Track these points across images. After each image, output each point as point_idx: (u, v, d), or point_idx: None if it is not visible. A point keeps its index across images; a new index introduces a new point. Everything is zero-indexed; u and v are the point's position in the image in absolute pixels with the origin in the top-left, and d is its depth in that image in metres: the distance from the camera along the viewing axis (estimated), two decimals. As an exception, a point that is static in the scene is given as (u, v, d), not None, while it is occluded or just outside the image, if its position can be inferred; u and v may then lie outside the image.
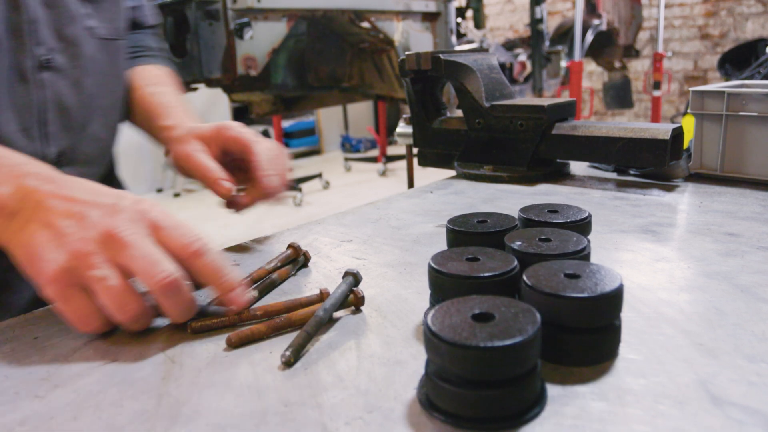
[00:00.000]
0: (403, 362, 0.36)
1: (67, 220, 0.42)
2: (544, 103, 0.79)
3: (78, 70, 0.69)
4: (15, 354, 0.40)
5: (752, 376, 0.33)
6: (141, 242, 0.41)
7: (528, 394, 0.30)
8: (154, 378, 0.36)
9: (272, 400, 0.33)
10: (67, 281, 0.40)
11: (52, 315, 0.46)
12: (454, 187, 0.81)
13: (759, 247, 0.52)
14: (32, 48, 0.63)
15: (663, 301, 0.43)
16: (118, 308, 0.40)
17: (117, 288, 0.40)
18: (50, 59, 0.65)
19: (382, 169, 5.53)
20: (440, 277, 0.39)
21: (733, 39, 5.35)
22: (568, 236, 0.44)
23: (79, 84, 0.69)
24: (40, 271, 0.40)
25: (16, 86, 0.63)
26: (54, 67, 0.66)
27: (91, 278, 0.40)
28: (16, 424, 0.32)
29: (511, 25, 6.79)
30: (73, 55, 0.68)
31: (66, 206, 0.43)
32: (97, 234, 0.41)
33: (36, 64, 0.64)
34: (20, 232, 0.42)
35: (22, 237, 0.42)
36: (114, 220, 0.42)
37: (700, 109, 0.78)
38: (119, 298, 0.40)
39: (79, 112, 0.70)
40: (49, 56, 0.65)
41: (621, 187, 0.76)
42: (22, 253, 0.42)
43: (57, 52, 0.66)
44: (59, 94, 0.67)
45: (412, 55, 0.86)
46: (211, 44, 2.39)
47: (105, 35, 0.72)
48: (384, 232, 0.63)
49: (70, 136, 0.69)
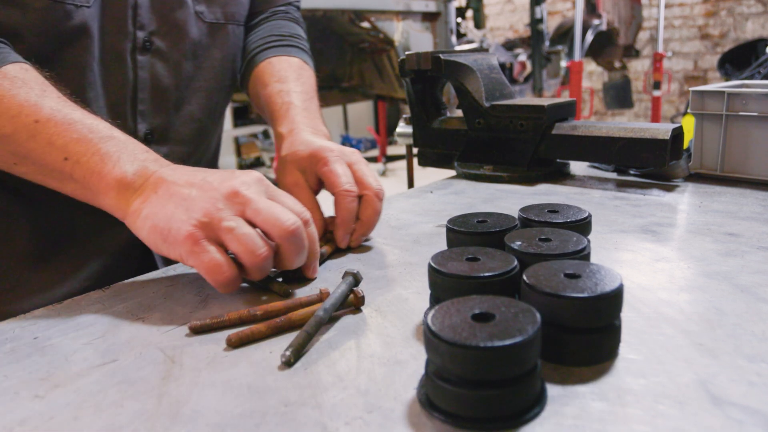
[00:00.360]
0: (403, 362, 0.36)
1: (191, 189, 0.47)
2: (544, 103, 0.79)
3: (178, 53, 0.71)
4: (15, 354, 0.40)
5: (752, 376, 0.33)
6: (262, 198, 0.47)
7: (528, 394, 0.30)
8: (154, 378, 0.36)
9: (272, 400, 0.33)
10: (201, 236, 0.44)
11: (52, 315, 0.46)
12: (454, 187, 0.81)
13: (759, 247, 0.52)
14: (134, 31, 0.66)
15: (663, 301, 0.43)
16: (250, 253, 0.44)
17: (248, 234, 0.45)
18: (150, 42, 0.67)
19: (382, 169, 5.53)
20: (440, 277, 0.39)
21: (733, 39, 5.35)
22: (568, 236, 0.44)
23: (178, 66, 0.71)
24: (174, 233, 0.45)
25: (110, 67, 0.65)
26: (153, 50, 0.68)
27: (224, 229, 0.44)
28: (16, 424, 0.32)
29: (511, 25, 6.79)
30: (175, 39, 0.70)
31: (186, 177, 0.48)
32: (222, 194, 0.46)
33: (135, 46, 0.66)
34: (145, 204, 0.47)
35: (148, 208, 0.47)
36: (233, 182, 0.47)
37: (700, 109, 0.78)
38: (251, 243, 0.44)
39: (175, 93, 0.72)
40: (149, 39, 0.67)
41: (621, 187, 0.76)
42: (150, 224, 0.46)
43: (158, 36, 0.68)
44: (156, 74, 0.69)
45: (412, 55, 0.86)
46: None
47: (213, 20, 0.73)
48: (384, 232, 0.63)
49: (163, 116, 0.71)
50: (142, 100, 0.68)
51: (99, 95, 0.65)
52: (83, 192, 0.50)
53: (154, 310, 0.46)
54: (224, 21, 0.75)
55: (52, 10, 0.58)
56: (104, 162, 0.49)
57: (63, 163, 0.49)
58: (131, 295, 0.49)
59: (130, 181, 0.48)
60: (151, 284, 0.51)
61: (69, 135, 0.50)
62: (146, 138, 0.70)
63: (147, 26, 0.67)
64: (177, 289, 0.50)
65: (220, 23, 0.75)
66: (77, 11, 0.60)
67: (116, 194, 0.48)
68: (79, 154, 0.49)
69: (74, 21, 0.60)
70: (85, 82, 0.63)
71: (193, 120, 0.75)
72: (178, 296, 0.48)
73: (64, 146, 0.49)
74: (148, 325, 0.43)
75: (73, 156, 0.49)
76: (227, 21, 0.75)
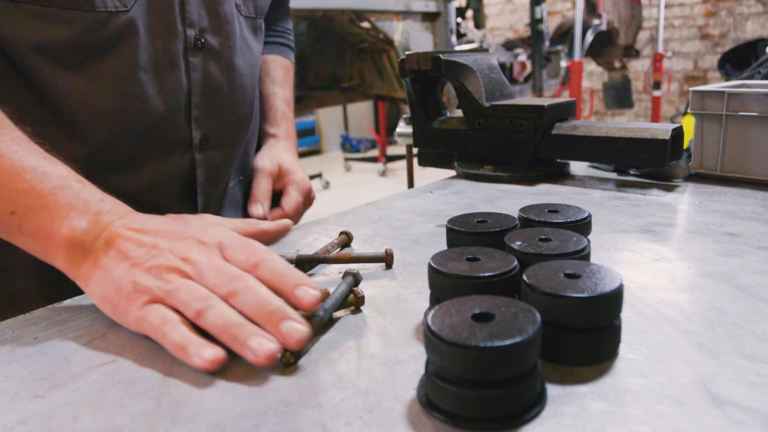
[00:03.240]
0: (403, 362, 0.36)
1: (141, 249, 0.43)
2: (544, 103, 0.79)
3: (230, 50, 0.67)
4: (15, 354, 0.40)
5: (752, 376, 0.33)
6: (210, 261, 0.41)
7: (528, 394, 0.30)
8: (154, 378, 0.36)
9: (272, 400, 0.33)
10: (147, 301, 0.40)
11: (52, 315, 0.46)
12: (454, 187, 0.81)
13: (759, 247, 0.52)
14: (184, 30, 0.62)
15: (663, 301, 0.43)
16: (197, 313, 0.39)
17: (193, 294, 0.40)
18: (203, 40, 0.63)
19: (382, 169, 5.53)
20: (440, 277, 0.39)
21: (733, 39, 5.35)
22: (568, 236, 0.44)
23: (230, 65, 0.68)
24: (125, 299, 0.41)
25: (164, 71, 0.61)
26: (206, 48, 0.64)
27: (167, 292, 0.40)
28: (16, 424, 0.32)
29: (511, 25, 6.79)
30: (226, 35, 0.66)
31: (137, 237, 0.44)
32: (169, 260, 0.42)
33: (187, 46, 0.62)
34: (94, 269, 0.43)
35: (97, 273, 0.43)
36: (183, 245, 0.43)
37: (700, 109, 0.78)
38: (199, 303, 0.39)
39: (229, 95, 0.69)
40: (201, 37, 0.63)
41: (621, 187, 0.76)
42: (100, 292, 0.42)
43: (209, 33, 0.64)
44: (209, 75, 0.65)
45: (412, 55, 0.86)
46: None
47: (248, 14, 0.72)
48: (384, 232, 0.63)
49: (218, 120, 0.68)
50: (196, 104, 0.65)
51: (150, 107, 0.61)
52: (34, 248, 0.46)
53: (154, 310, 0.46)
54: (255, 15, 0.73)
55: (84, 21, 0.54)
56: (52, 218, 0.44)
57: (10, 216, 0.45)
58: (131, 295, 0.49)
59: (80, 240, 0.44)
60: (151, 284, 0.51)
61: (16, 185, 0.45)
62: (201, 145, 0.67)
63: (197, 23, 0.63)
64: (177, 289, 0.50)
65: (253, 17, 0.73)
66: (112, 18, 0.55)
67: (65, 255, 0.44)
68: (26, 207, 0.45)
69: (110, 28, 0.56)
70: (132, 92, 0.59)
71: (246, 121, 0.74)
72: (178, 296, 0.48)
73: (10, 198, 0.45)
74: (148, 325, 0.43)
75: (20, 210, 0.45)
76: (258, 15, 0.74)
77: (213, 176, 0.71)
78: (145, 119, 0.61)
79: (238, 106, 0.71)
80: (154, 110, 0.61)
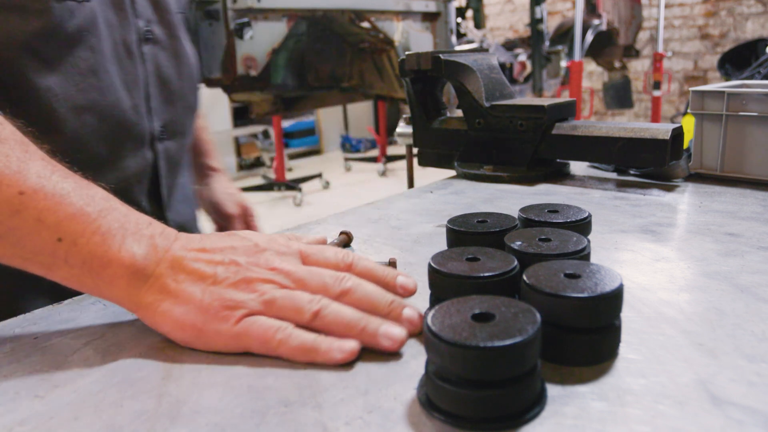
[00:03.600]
0: (403, 362, 0.36)
1: (217, 267, 0.40)
2: (544, 103, 0.79)
3: (174, 41, 0.70)
4: (15, 354, 0.40)
5: (752, 376, 0.33)
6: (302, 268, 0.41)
7: (528, 394, 0.30)
8: (154, 378, 0.36)
9: (272, 400, 0.33)
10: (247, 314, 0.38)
11: (52, 315, 0.46)
12: (454, 187, 0.81)
13: (759, 247, 0.52)
14: (134, 21, 0.65)
15: (663, 301, 0.43)
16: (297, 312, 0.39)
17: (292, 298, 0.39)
18: (150, 31, 0.66)
19: (382, 169, 5.53)
20: (440, 277, 0.39)
21: (733, 39, 5.35)
22: (568, 236, 0.44)
23: (177, 55, 0.71)
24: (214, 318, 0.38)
25: (124, 62, 0.64)
26: (153, 39, 0.67)
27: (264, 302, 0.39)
28: (16, 424, 0.32)
29: (511, 25, 6.79)
30: (170, 25, 0.70)
31: (206, 256, 0.41)
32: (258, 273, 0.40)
33: (138, 37, 0.65)
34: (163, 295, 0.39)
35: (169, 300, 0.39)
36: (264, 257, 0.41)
37: (700, 109, 0.78)
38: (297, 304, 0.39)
39: (178, 84, 0.72)
40: (149, 28, 0.66)
41: (621, 187, 0.76)
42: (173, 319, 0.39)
43: (155, 23, 0.67)
44: (160, 66, 0.68)
45: (412, 55, 0.86)
46: (211, 44, 2.39)
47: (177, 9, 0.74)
48: (384, 232, 0.63)
49: (170, 109, 0.71)
50: (153, 95, 0.67)
51: (121, 98, 0.63)
52: (80, 279, 0.40)
53: (154, 310, 0.46)
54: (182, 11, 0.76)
55: (54, 10, 0.56)
56: (107, 243, 0.40)
57: (55, 245, 0.39)
58: (131, 295, 0.49)
59: (141, 266, 0.40)
60: (151, 284, 0.51)
61: (63, 210, 0.40)
62: (160, 136, 0.69)
63: (144, 14, 0.66)
64: (177, 289, 0.50)
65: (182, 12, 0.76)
66: (80, 7, 0.58)
67: (126, 284, 0.40)
68: (77, 234, 0.39)
69: (79, 18, 0.58)
70: (103, 86, 0.61)
71: (191, 110, 0.76)
72: (178, 296, 0.48)
73: (57, 224, 0.39)
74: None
75: (69, 236, 0.39)
76: (183, 11, 0.77)
77: (172, 168, 0.73)
78: (115, 112, 0.63)
79: (187, 95, 0.74)
80: (122, 102, 0.63)
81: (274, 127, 4.96)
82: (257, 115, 2.98)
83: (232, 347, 0.38)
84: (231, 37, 2.37)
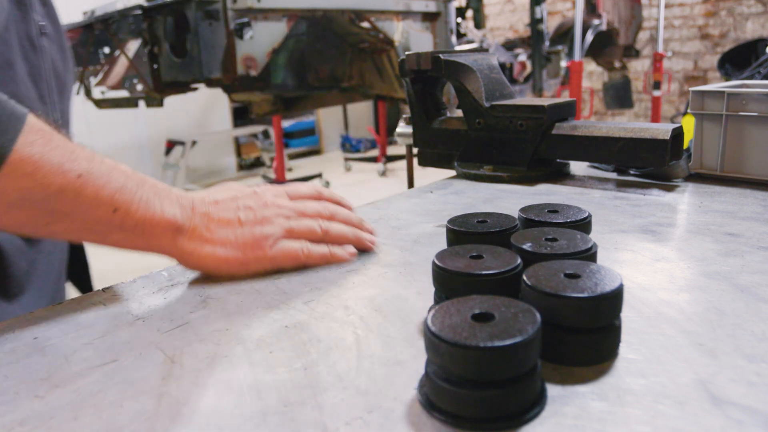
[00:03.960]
0: (403, 362, 0.36)
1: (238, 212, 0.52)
2: (544, 103, 0.79)
3: (60, 35, 0.72)
4: (15, 354, 0.40)
5: (752, 376, 0.33)
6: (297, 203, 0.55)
7: (528, 394, 0.30)
8: (154, 378, 0.36)
9: (272, 400, 0.33)
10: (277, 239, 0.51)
11: (52, 315, 0.46)
12: (454, 187, 0.81)
13: (759, 247, 0.52)
14: (32, 15, 0.66)
15: (663, 301, 0.43)
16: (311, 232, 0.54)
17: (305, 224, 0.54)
18: (44, 25, 0.68)
19: (382, 169, 5.53)
20: (446, 275, 0.39)
21: (733, 39, 5.35)
22: (572, 235, 0.44)
23: (62, 48, 0.73)
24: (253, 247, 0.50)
25: (29, 55, 0.65)
26: (46, 33, 0.68)
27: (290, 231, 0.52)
28: (16, 424, 0.32)
29: (511, 25, 6.79)
30: (55, 21, 0.71)
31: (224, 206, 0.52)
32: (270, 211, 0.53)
33: (37, 31, 0.66)
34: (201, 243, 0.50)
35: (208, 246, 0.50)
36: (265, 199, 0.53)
37: (700, 109, 0.78)
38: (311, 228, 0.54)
39: (65, 76, 0.73)
40: (43, 22, 0.68)
41: (621, 187, 0.76)
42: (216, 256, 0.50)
43: (45, 18, 0.69)
44: (53, 59, 0.70)
45: (412, 55, 0.86)
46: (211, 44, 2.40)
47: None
48: (384, 232, 0.63)
49: (61, 100, 0.72)
50: (51, 87, 0.69)
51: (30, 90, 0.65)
52: (132, 240, 0.48)
53: (154, 310, 0.46)
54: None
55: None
56: (152, 209, 0.48)
57: (112, 215, 0.46)
58: (131, 295, 0.49)
59: (180, 223, 0.49)
60: (151, 284, 0.52)
61: (111, 186, 0.47)
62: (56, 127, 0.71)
63: (37, 9, 0.67)
64: (177, 289, 0.50)
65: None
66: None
67: (172, 237, 0.49)
68: (127, 203, 0.47)
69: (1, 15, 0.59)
70: (18, 78, 0.62)
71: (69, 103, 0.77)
72: (178, 296, 0.49)
73: (111, 198, 0.46)
74: (148, 325, 0.43)
75: (122, 206, 0.47)
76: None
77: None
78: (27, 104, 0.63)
79: (71, 87, 0.76)
80: (31, 95, 0.65)
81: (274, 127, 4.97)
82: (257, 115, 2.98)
83: (269, 268, 0.51)
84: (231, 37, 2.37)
